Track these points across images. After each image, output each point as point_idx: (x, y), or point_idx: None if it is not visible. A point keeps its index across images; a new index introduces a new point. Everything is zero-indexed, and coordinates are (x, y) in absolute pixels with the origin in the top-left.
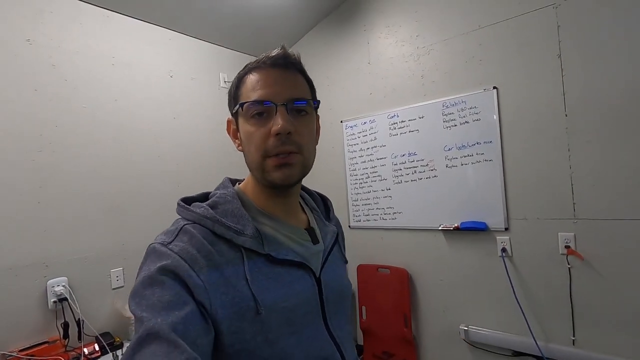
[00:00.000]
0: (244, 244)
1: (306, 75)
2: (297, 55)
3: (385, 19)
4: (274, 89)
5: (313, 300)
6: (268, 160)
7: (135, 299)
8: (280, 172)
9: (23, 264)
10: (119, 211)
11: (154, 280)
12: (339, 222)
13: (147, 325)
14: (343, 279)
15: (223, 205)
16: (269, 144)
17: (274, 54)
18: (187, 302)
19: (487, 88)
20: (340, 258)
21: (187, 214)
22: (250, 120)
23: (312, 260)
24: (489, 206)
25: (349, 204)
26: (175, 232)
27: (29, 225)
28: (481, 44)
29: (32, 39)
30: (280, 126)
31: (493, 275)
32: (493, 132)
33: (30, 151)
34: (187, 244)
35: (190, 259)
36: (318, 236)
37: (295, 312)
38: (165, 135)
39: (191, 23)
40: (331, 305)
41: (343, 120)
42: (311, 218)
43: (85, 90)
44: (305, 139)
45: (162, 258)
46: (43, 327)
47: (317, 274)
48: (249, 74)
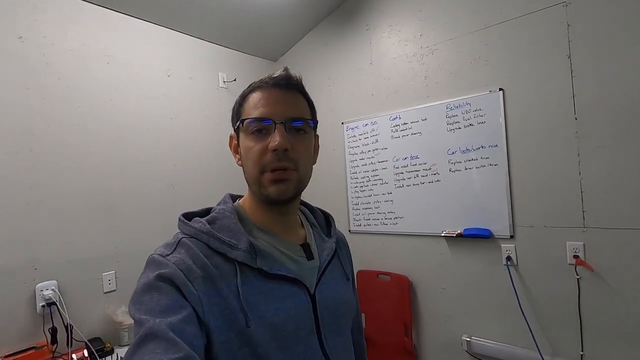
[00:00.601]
0: (237, 257)
1: (307, 96)
2: (298, 77)
3: (388, 18)
4: (274, 107)
5: (306, 317)
6: (265, 175)
7: (135, 304)
8: (276, 187)
9: (11, 267)
10: (113, 213)
11: (152, 287)
12: (344, 239)
13: (146, 326)
14: (342, 295)
15: (221, 220)
16: (266, 159)
17: (276, 74)
18: (184, 306)
19: (493, 90)
20: (341, 274)
21: (185, 229)
22: (249, 136)
23: (306, 277)
24: (494, 212)
25: (349, 208)
26: (174, 245)
27: (17, 226)
28: (487, 43)
29: (24, 36)
30: (278, 142)
31: (497, 285)
32: (499, 136)
33: (20, 151)
34: (184, 255)
35: (186, 269)
36: (313, 252)
37: (285, 328)
38: (162, 135)
39: (190, 22)
40: (327, 323)
41: (344, 122)
42: (309, 234)
43: (80, 89)
44: (302, 157)
45: (160, 267)
46: (30, 332)
47: (312, 291)
48: (252, 92)
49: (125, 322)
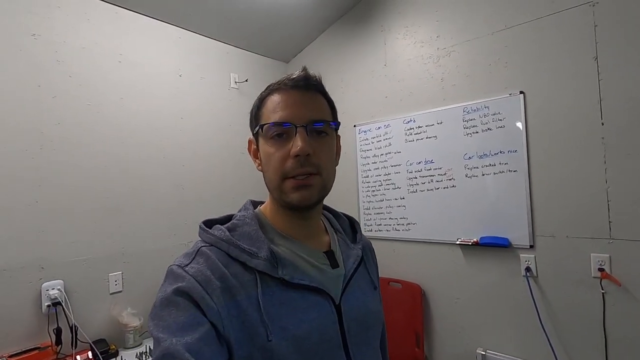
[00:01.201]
0: (257, 266)
1: (327, 97)
2: (318, 77)
3: (404, 19)
4: (294, 110)
5: (331, 329)
6: (286, 181)
7: (153, 320)
8: (299, 193)
9: (17, 266)
10: (121, 213)
11: (170, 302)
12: (370, 245)
13: (163, 346)
14: (369, 305)
15: (241, 227)
16: (287, 166)
17: (295, 75)
18: (201, 323)
19: (513, 93)
20: (368, 283)
21: (205, 237)
22: (269, 141)
23: (331, 286)
24: (512, 221)
25: (361, 213)
26: (193, 254)
27: (25, 224)
28: (507, 45)
29: (37, 33)
30: (300, 148)
31: (515, 297)
32: (518, 141)
33: (29, 149)
34: (203, 265)
35: (204, 281)
36: (338, 260)
37: (307, 341)
38: (172, 135)
39: (202, 21)
40: (354, 335)
41: (356, 125)
42: (333, 240)
43: (91, 88)
44: (325, 161)
45: (178, 280)
46: (35, 332)
47: (337, 301)
48: (270, 95)
49: (130, 324)
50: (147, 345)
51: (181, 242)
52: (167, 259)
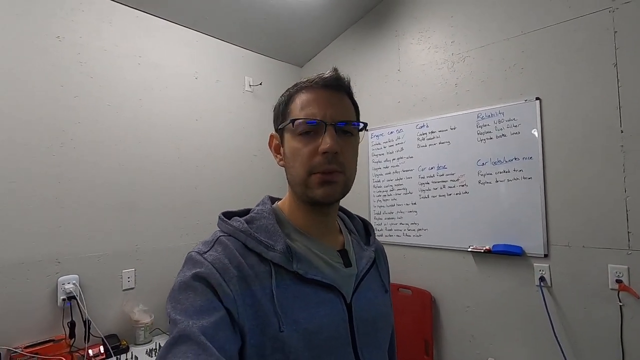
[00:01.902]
0: (273, 259)
1: (353, 99)
2: (347, 79)
3: (419, 24)
4: (325, 109)
5: (341, 326)
6: (312, 176)
7: (171, 302)
8: (323, 189)
9: (35, 259)
10: (135, 211)
11: (188, 286)
12: (383, 250)
13: (179, 327)
14: (379, 307)
15: (259, 220)
16: (315, 162)
17: (326, 75)
18: (217, 308)
19: (528, 99)
20: (379, 286)
21: (224, 227)
22: (297, 137)
23: (343, 284)
24: (526, 229)
25: (371, 217)
26: (211, 242)
27: (44, 219)
28: (524, 51)
29: (61, 35)
30: (329, 145)
31: (528, 307)
32: (534, 148)
33: (52, 146)
34: (221, 254)
35: (221, 269)
36: (351, 259)
37: (317, 336)
38: (187, 136)
39: (219, 25)
40: (363, 334)
41: (369, 129)
42: (347, 240)
43: (111, 89)
44: (349, 160)
45: (197, 266)
46: (50, 325)
47: (348, 300)
48: (300, 92)
49: (141, 320)
50: (157, 342)
51: (192, 242)
52: (178, 257)
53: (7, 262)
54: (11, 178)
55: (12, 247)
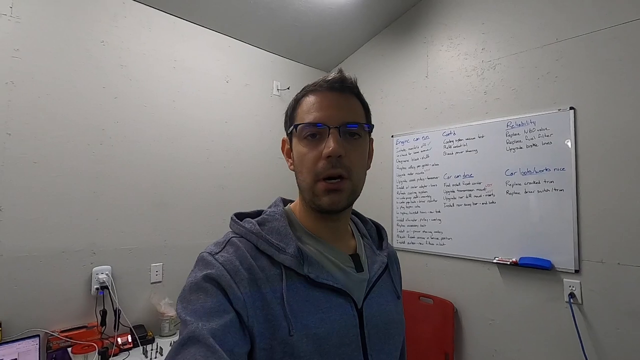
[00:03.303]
0: (284, 262)
1: (362, 99)
2: (353, 79)
3: (448, 31)
4: (329, 112)
5: (352, 332)
6: (318, 183)
7: (182, 302)
8: (329, 197)
9: (74, 249)
10: (165, 208)
11: (199, 287)
12: (396, 255)
13: (189, 328)
14: (391, 314)
15: (270, 222)
16: (319, 166)
17: (330, 77)
18: (227, 311)
19: (562, 108)
20: (391, 292)
21: (236, 228)
22: (303, 141)
23: (355, 289)
24: (556, 242)
25: (394, 223)
26: (223, 243)
27: (83, 212)
28: (558, 59)
29: (106, 40)
30: (332, 149)
31: (556, 324)
32: (566, 159)
33: (92, 143)
34: (232, 255)
35: (232, 270)
36: (363, 264)
37: (328, 342)
38: (216, 138)
39: (250, 31)
40: (374, 341)
41: (394, 135)
42: (359, 245)
43: (147, 91)
44: (356, 164)
45: (208, 267)
46: (84, 312)
47: (360, 305)
48: (305, 96)
49: (167, 313)
50: None
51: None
52: None
53: (50, 250)
54: (55, 172)
55: (54, 236)
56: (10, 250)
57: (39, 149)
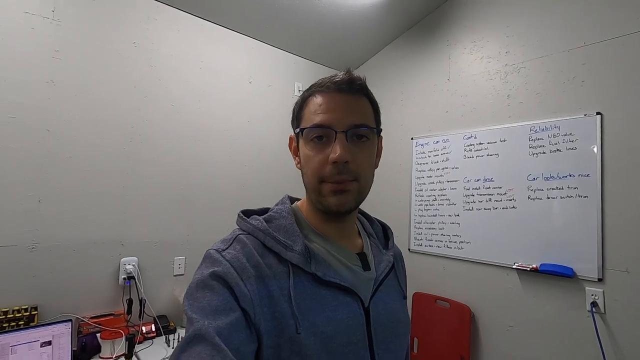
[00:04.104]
0: (291, 259)
1: (372, 99)
2: (362, 80)
3: (472, 34)
4: (336, 114)
5: (358, 331)
6: (324, 185)
7: (189, 299)
8: (336, 198)
9: (103, 240)
10: (188, 204)
11: (206, 285)
12: (401, 254)
13: (195, 326)
14: (397, 313)
15: (277, 220)
16: (325, 171)
17: (339, 78)
18: (233, 309)
19: (588, 113)
20: (397, 291)
21: (243, 225)
22: (309, 143)
23: (361, 288)
24: (579, 250)
25: (411, 226)
26: (230, 240)
27: (113, 205)
28: (585, 63)
29: (137, 42)
30: (338, 155)
31: (577, 333)
32: (592, 165)
33: (123, 140)
34: (239, 252)
35: (239, 268)
36: (370, 263)
37: (335, 340)
38: (238, 137)
39: (273, 33)
40: (380, 340)
41: (414, 138)
42: (366, 244)
43: (175, 90)
44: (363, 168)
45: (215, 264)
46: (112, 300)
47: (366, 304)
48: (312, 95)
49: None
50: None
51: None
52: None
53: (82, 240)
54: (88, 167)
55: (86, 227)
56: (46, 240)
57: (74, 145)
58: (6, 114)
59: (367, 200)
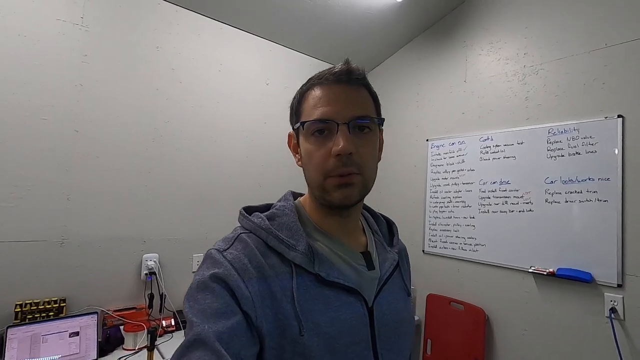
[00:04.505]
0: (294, 259)
1: (371, 90)
2: (361, 70)
3: (489, 35)
4: (336, 106)
5: (362, 331)
6: (328, 179)
7: (189, 301)
8: (340, 192)
9: (127, 237)
10: (207, 203)
11: (207, 286)
12: (406, 251)
13: (195, 330)
14: (402, 312)
15: (280, 217)
16: (329, 165)
17: (337, 69)
18: (234, 312)
19: (609, 116)
20: (402, 289)
21: (245, 223)
22: (310, 138)
23: (365, 287)
24: (598, 255)
25: (426, 227)
26: (232, 239)
27: (135, 203)
28: (607, 65)
29: (160, 46)
30: (341, 147)
31: (595, 339)
32: (612, 168)
33: (145, 141)
34: (241, 252)
35: (241, 268)
36: (374, 261)
37: (338, 341)
38: (255, 138)
39: (289, 35)
40: (384, 340)
41: (429, 139)
42: (370, 241)
43: (195, 92)
44: (366, 159)
45: (216, 265)
46: (134, 295)
47: (370, 303)
48: (311, 89)
49: None
50: None
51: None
52: None
53: (107, 237)
54: (113, 166)
55: (111, 224)
56: (75, 235)
57: (101, 145)
58: (39, 116)
59: (382, 201)
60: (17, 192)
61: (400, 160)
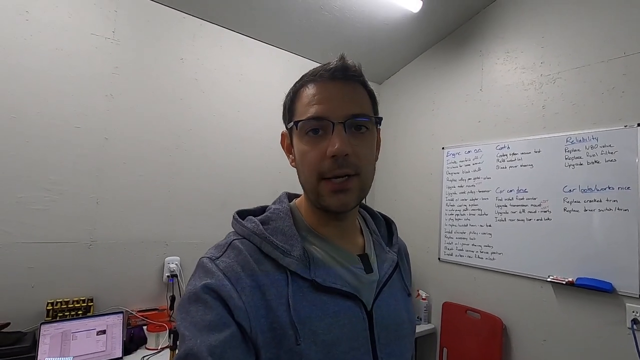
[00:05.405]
0: (289, 266)
1: (368, 87)
2: (357, 66)
3: (506, 44)
4: (331, 104)
5: (361, 336)
6: (323, 183)
7: (181, 313)
8: (336, 198)
9: (150, 240)
10: (226, 209)
11: (198, 298)
12: (406, 249)
13: (187, 345)
14: (401, 314)
15: (275, 221)
16: (324, 166)
17: (332, 65)
18: (228, 324)
19: (629, 125)
20: (402, 290)
21: (238, 228)
22: (304, 138)
23: (364, 291)
24: (618, 264)
25: (442, 235)
26: (224, 246)
27: (159, 208)
28: (626, 73)
29: (184, 57)
30: (337, 147)
31: (617, 350)
32: (633, 177)
33: (169, 148)
34: (234, 260)
35: (234, 278)
36: (372, 264)
37: (337, 347)
38: (274, 146)
39: (306, 46)
40: (384, 343)
41: (445, 147)
42: (368, 242)
43: (216, 101)
44: (364, 160)
45: (208, 275)
46: (156, 296)
47: (369, 307)
48: (305, 86)
49: None
50: None
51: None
52: None
53: (133, 239)
54: (140, 172)
55: (136, 227)
56: (103, 238)
57: (128, 152)
58: (73, 124)
59: (398, 209)
60: (50, 196)
61: (416, 168)
